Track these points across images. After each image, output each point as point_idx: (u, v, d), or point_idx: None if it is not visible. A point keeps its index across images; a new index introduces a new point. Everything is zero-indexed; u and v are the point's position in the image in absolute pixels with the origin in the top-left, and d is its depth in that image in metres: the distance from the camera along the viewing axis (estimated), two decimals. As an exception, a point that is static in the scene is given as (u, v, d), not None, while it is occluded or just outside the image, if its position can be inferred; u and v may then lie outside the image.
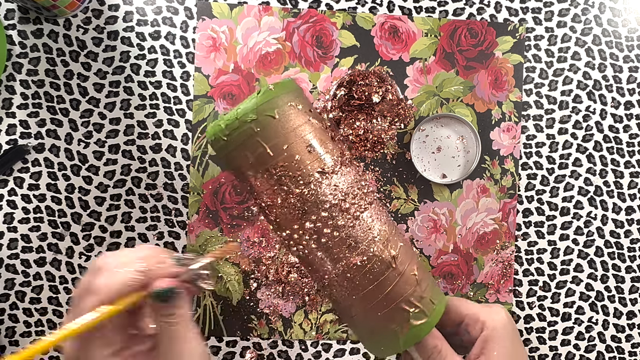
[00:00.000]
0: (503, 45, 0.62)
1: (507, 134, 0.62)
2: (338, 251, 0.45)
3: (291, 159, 0.44)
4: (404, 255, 0.45)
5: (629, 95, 0.63)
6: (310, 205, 0.45)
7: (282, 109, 0.44)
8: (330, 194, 0.45)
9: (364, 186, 0.46)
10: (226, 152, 0.44)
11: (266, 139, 0.44)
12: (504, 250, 0.62)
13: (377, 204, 0.48)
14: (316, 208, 0.44)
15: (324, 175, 0.45)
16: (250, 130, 0.43)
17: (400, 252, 0.45)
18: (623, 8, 0.63)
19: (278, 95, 0.44)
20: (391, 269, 0.45)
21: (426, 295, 0.45)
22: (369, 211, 0.45)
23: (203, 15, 0.59)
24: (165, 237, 0.60)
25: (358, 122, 0.57)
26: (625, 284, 0.64)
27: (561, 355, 0.63)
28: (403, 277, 0.44)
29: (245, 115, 0.43)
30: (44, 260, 0.59)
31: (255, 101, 0.43)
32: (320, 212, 0.44)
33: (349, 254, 0.45)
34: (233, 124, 0.43)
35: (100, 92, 0.59)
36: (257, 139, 0.44)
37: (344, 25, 0.60)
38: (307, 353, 0.61)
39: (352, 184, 0.45)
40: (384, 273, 0.44)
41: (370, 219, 0.45)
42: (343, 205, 0.45)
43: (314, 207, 0.45)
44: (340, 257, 0.45)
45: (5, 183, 0.58)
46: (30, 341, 0.59)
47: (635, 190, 0.63)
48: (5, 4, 0.58)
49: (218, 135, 0.44)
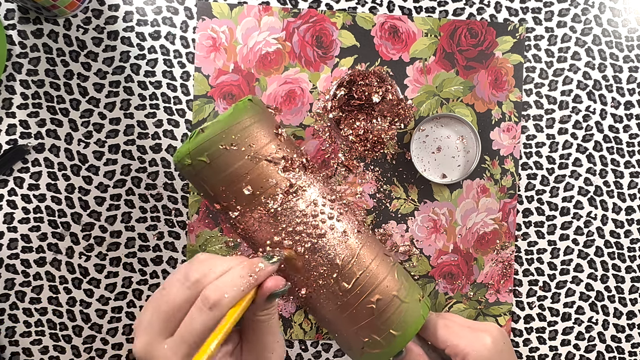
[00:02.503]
0: (503, 45, 0.62)
1: (507, 134, 0.62)
2: (305, 268, 0.44)
3: (230, 199, 0.44)
4: (365, 284, 0.44)
5: (629, 95, 0.63)
6: (255, 241, 0.45)
7: (212, 153, 0.43)
8: (267, 235, 0.44)
9: (314, 216, 0.44)
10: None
11: (205, 181, 0.45)
12: (504, 250, 0.62)
13: (350, 217, 0.46)
14: (259, 241, 0.44)
15: (269, 214, 0.44)
16: (191, 171, 0.44)
17: (355, 283, 0.44)
18: (623, 8, 0.63)
19: (209, 137, 0.43)
20: (343, 302, 0.44)
21: (385, 327, 0.44)
22: (324, 238, 0.44)
23: (203, 15, 0.59)
24: (165, 237, 0.60)
25: (358, 122, 0.57)
26: (625, 284, 0.64)
27: (561, 355, 0.63)
28: (359, 307, 0.44)
29: (182, 160, 0.44)
30: (44, 260, 0.59)
31: (187, 145, 0.44)
32: (262, 245, 0.44)
33: (312, 275, 0.44)
34: (178, 163, 0.44)
35: (100, 92, 0.59)
36: (198, 180, 0.45)
37: (344, 25, 0.60)
38: (307, 353, 0.61)
39: (301, 218, 0.44)
40: (337, 303, 0.44)
41: (328, 247, 0.44)
42: (285, 241, 0.44)
43: (256, 242, 0.45)
44: (307, 277, 0.44)
45: (5, 183, 0.58)
46: (30, 341, 0.59)
47: (635, 190, 0.63)
48: (5, 4, 0.58)
49: (178, 164, 0.45)
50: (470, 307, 0.62)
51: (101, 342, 0.60)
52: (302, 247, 0.43)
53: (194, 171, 0.44)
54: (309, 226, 0.43)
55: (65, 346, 0.59)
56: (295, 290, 0.45)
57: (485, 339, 0.43)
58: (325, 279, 0.44)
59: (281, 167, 0.44)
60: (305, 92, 0.60)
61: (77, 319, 0.59)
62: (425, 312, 0.46)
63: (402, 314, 0.44)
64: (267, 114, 0.48)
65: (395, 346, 0.44)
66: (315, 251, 0.43)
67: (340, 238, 0.44)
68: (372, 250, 0.45)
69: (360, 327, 0.44)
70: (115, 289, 0.60)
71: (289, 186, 0.43)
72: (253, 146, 0.44)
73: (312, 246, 0.43)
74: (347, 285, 0.43)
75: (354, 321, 0.44)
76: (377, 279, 0.44)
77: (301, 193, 0.44)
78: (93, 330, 0.60)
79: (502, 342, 0.44)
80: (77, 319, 0.59)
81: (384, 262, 0.46)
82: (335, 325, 0.45)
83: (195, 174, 0.44)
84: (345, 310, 0.44)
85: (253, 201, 0.43)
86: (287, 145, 0.46)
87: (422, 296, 0.47)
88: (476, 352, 0.43)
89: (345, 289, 0.43)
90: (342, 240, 0.44)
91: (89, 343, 0.60)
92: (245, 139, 0.44)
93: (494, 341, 0.43)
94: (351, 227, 0.45)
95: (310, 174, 0.46)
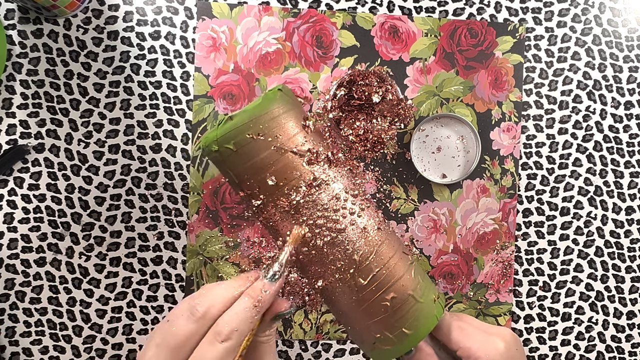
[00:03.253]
0: (503, 45, 0.62)
1: (507, 134, 0.62)
2: (322, 261, 0.44)
3: (254, 187, 0.44)
4: (381, 281, 0.44)
5: (629, 95, 0.63)
6: (289, 218, 0.45)
7: (239, 141, 0.43)
8: (304, 216, 0.44)
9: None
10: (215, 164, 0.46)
11: (230, 168, 0.45)
12: (504, 250, 0.62)
13: (371, 213, 0.47)
14: (302, 217, 0.44)
15: (291, 205, 0.44)
16: (217, 157, 0.45)
17: (372, 280, 0.44)
18: (623, 8, 0.63)
19: (237, 125, 0.43)
20: (358, 297, 0.44)
21: (398, 325, 0.44)
22: (343, 233, 0.44)
23: (203, 15, 0.59)
24: (165, 237, 0.60)
25: (358, 122, 0.57)
26: (625, 284, 0.64)
27: (561, 355, 0.63)
28: (374, 303, 0.44)
29: (209, 146, 0.44)
30: (44, 260, 0.59)
31: (215, 132, 0.44)
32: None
33: (328, 270, 0.44)
34: (205, 148, 0.45)
35: (100, 92, 0.59)
36: (224, 166, 0.45)
37: (344, 25, 0.60)
38: (307, 353, 0.61)
39: (327, 204, 0.44)
40: (352, 298, 0.44)
41: (347, 241, 0.44)
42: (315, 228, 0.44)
43: (293, 219, 0.45)
44: (324, 269, 0.45)
45: (5, 183, 0.58)
46: (30, 341, 0.59)
47: (635, 190, 0.63)
48: (5, 4, 0.58)
49: (205, 150, 0.45)
50: (470, 307, 0.62)
51: (101, 342, 0.60)
52: (322, 241, 0.43)
53: (220, 157, 0.44)
54: (329, 220, 0.44)
55: (65, 346, 0.59)
56: (312, 281, 0.46)
57: (498, 344, 0.43)
58: (342, 273, 0.44)
59: (306, 159, 0.44)
60: (305, 92, 0.60)
61: (77, 319, 0.59)
62: (439, 313, 0.46)
63: (416, 314, 0.44)
64: (297, 105, 0.48)
65: (406, 344, 0.44)
66: (334, 245, 0.44)
67: (360, 234, 0.44)
68: (391, 248, 0.46)
69: (373, 323, 0.44)
70: (115, 289, 0.60)
71: (313, 179, 0.44)
72: (280, 137, 0.44)
73: (331, 240, 0.44)
74: (363, 282, 0.44)
75: (367, 316, 0.44)
76: (393, 277, 0.44)
77: (324, 187, 0.44)
78: (93, 330, 0.60)
79: (514, 347, 0.43)
80: (77, 319, 0.59)
81: (402, 260, 0.46)
82: (349, 318, 0.46)
83: (222, 161, 0.45)
84: (359, 305, 0.44)
85: (276, 192, 0.44)
86: (314, 137, 0.47)
87: (437, 297, 0.47)
88: (488, 356, 0.42)
89: (361, 285, 0.44)
90: (361, 236, 0.44)
91: (89, 343, 0.60)
92: (273, 129, 0.44)
93: (507, 346, 0.43)
94: (372, 223, 0.46)
95: (335, 168, 0.46)
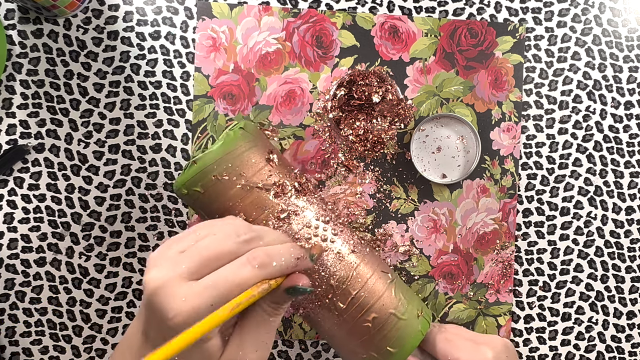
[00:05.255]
0: (503, 45, 0.62)
1: (507, 134, 0.62)
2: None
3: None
4: (360, 303, 0.44)
5: (629, 95, 0.63)
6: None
7: (205, 183, 0.44)
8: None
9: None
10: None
11: (202, 208, 0.46)
12: (504, 250, 0.62)
13: (345, 237, 0.46)
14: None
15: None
16: (189, 199, 0.46)
17: (351, 303, 0.44)
18: (623, 8, 0.63)
19: (200, 169, 0.44)
20: (339, 321, 0.44)
21: (382, 344, 0.44)
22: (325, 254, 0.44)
23: (203, 15, 0.59)
24: (165, 237, 0.60)
25: (358, 122, 0.57)
26: (625, 284, 0.64)
27: (561, 355, 0.63)
28: (356, 325, 0.44)
29: (180, 189, 0.46)
30: (44, 260, 0.59)
31: (183, 177, 0.45)
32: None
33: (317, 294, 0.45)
34: (177, 191, 0.46)
35: (100, 92, 0.59)
36: (196, 207, 0.47)
37: (344, 25, 0.60)
38: (307, 353, 0.61)
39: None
40: (334, 322, 0.45)
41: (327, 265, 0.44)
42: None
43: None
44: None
45: (5, 183, 0.58)
46: (30, 341, 0.59)
47: (635, 190, 0.63)
48: (5, 4, 0.58)
49: (177, 192, 0.47)
50: (470, 307, 0.62)
51: (101, 342, 0.60)
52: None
53: (191, 200, 0.46)
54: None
55: (65, 346, 0.59)
56: (295, 308, 0.47)
57: (487, 353, 0.43)
58: (321, 299, 0.44)
59: (272, 193, 0.45)
60: (305, 92, 0.60)
61: (77, 319, 0.59)
62: (424, 328, 0.46)
63: (399, 332, 0.45)
64: (260, 139, 0.48)
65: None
66: (310, 272, 0.44)
67: (334, 259, 0.45)
68: (368, 269, 0.46)
69: (358, 344, 0.45)
70: (115, 289, 0.60)
71: (281, 211, 0.44)
72: (244, 174, 0.45)
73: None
74: (342, 305, 0.44)
75: (352, 338, 0.45)
76: (373, 297, 0.45)
77: (294, 217, 0.45)
78: (93, 330, 0.60)
79: (504, 355, 0.43)
80: (77, 319, 0.59)
81: (381, 279, 0.46)
82: (335, 341, 0.47)
83: (193, 202, 0.46)
84: (342, 328, 0.45)
85: None
86: (279, 169, 0.47)
87: (421, 311, 0.47)
88: None
89: (341, 309, 0.44)
90: (336, 260, 0.45)
91: (89, 343, 0.60)
92: (237, 167, 0.45)
93: (496, 355, 0.43)
94: (346, 247, 0.46)
95: (304, 197, 0.46)
